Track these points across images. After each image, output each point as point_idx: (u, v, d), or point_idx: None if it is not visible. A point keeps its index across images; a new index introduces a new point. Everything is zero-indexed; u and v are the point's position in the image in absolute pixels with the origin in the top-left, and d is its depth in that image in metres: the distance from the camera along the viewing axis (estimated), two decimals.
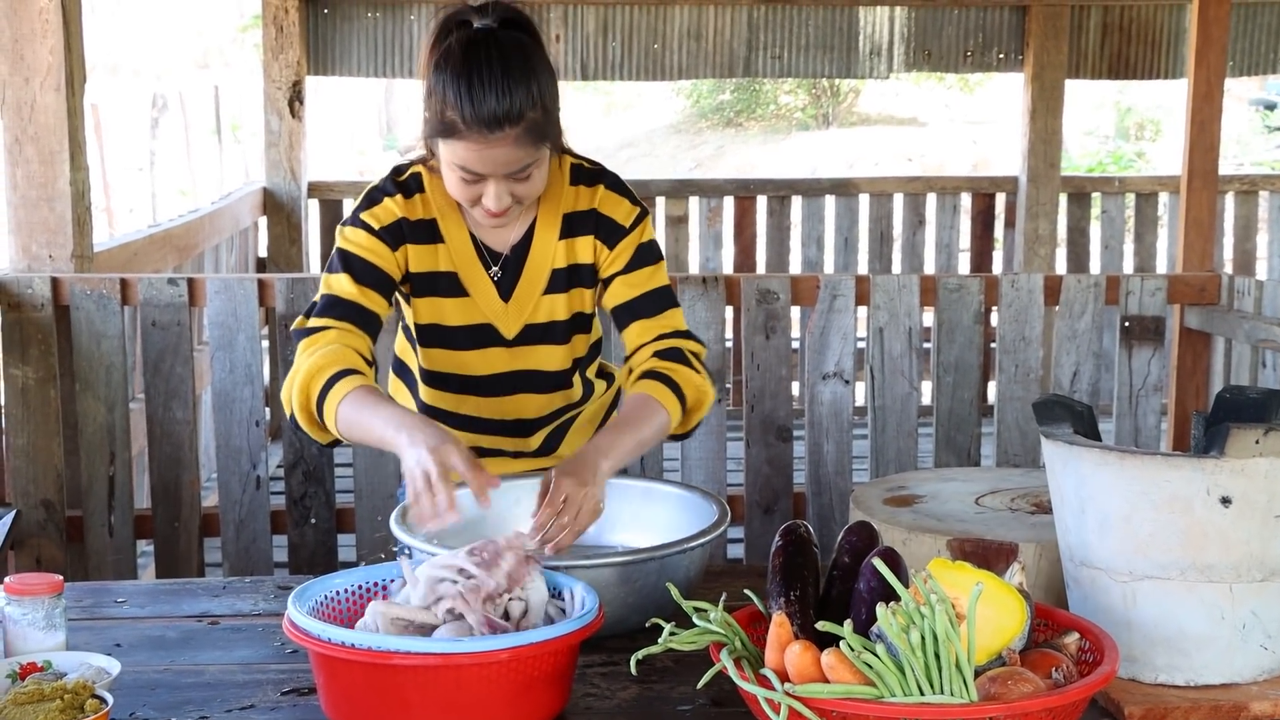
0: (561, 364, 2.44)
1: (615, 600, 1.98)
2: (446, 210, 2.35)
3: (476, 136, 2.14)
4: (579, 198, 2.37)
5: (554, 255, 2.38)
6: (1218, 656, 1.83)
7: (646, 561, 2.03)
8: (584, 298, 2.42)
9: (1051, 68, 6.88)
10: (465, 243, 2.36)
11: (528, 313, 2.39)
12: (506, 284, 2.38)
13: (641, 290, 2.38)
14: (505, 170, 2.18)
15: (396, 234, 2.33)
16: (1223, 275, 4.23)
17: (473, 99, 2.12)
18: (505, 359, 2.41)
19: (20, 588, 1.93)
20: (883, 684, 1.52)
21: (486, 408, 2.45)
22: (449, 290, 2.37)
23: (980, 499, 2.32)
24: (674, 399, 2.29)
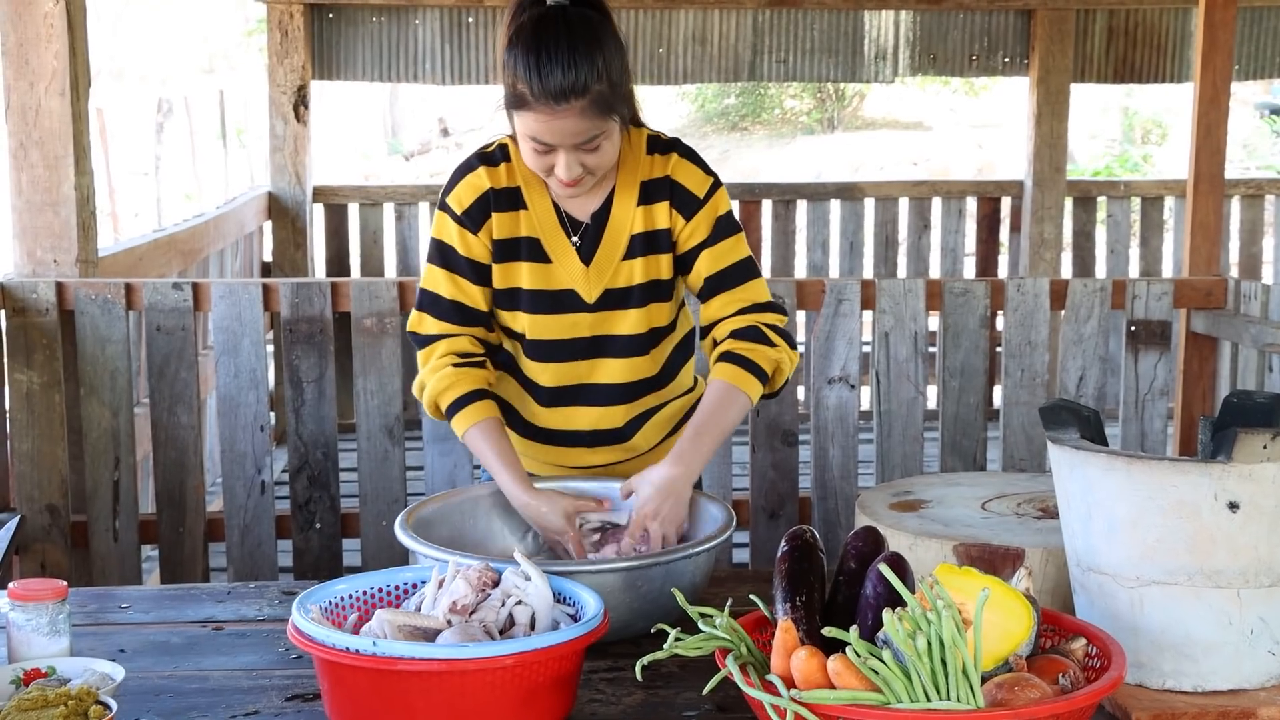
0: (638, 328, 2.47)
1: (620, 605, 1.98)
2: (531, 179, 2.43)
3: (544, 108, 2.23)
4: (654, 165, 2.44)
5: (632, 221, 2.43)
6: (1225, 662, 1.82)
7: (651, 567, 2.03)
8: (659, 264, 2.46)
9: (1057, 71, 6.87)
10: (548, 210, 2.43)
11: (607, 277, 2.44)
12: (587, 250, 2.44)
13: (725, 264, 2.44)
14: (573, 141, 2.26)
15: (480, 210, 2.41)
16: (1229, 279, 4.22)
17: (540, 72, 2.22)
18: (587, 324, 2.46)
19: (24, 593, 1.92)
20: (889, 690, 1.51)
21: (568, 374, 2.49)
22: (531, 255, 2.43)
23: (986, 504, 2.31)
24: (754, 380, 2.40)
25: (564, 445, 2.54)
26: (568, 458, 2.56)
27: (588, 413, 2.51)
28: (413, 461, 4.22)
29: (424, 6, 6.66)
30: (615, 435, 2.54)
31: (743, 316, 2.45)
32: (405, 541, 2.10)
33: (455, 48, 6.73)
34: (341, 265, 7.13)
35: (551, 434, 2.54)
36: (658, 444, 2.59)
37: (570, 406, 2.51)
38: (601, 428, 2.53)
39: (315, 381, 3.92)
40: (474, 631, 1.77)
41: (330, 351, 3.91)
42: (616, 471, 2.56)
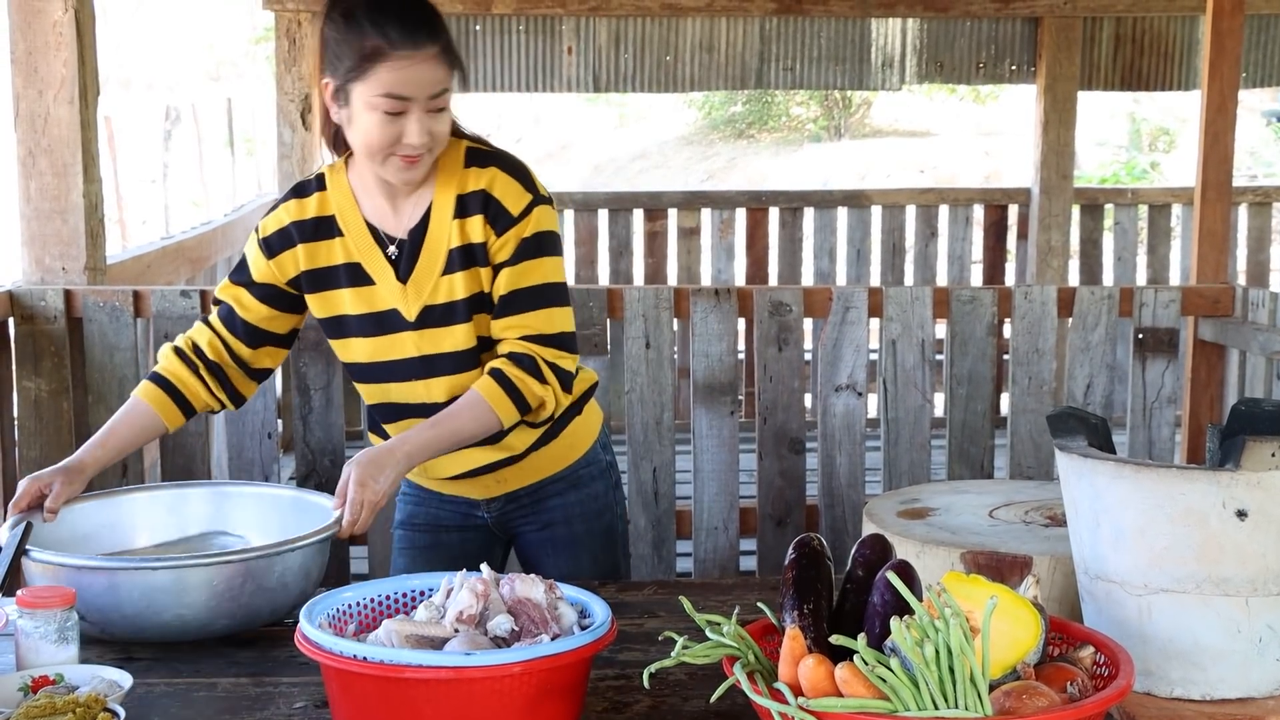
0: (465, 343, 2.45)
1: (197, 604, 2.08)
2: (345, 205, 2.45)
3: (404, 53, 2.27)
4: (472, 178, 2.42)
5: (449, 235, 2.42)
6: (1234, 670, 1.82)
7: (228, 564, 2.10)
8: (480, 277, 2.44)
9: (1064, 79, 6.87)
10: (363, 232, 2.45)
11: (426, 294, 2.43)
12: (404, 266, 2.44)
13: (520, 285, 2.42)
14: (429, 90, 2.29)
15: (280, 241, 2.47)
16: (1236, 287, 4.22)
17: (397, 17, 2.28)
18: (413, 343, 2.46)
19: (33, 600, 1.93)
20: (897, 698, 1.51)
21: (406, 393, 2.50)
22: (352, 280, 2.46)
23: (994, 511, 2.31)
24: (511, 407, 2.39)
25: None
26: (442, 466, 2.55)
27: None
28: None
29: None
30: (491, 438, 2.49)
31: (525, 344, 2.41)
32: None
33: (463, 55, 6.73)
34: None
35: None
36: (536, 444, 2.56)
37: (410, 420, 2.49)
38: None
39: (323, 389, 3.92)
40: (481, 640, 1.77)
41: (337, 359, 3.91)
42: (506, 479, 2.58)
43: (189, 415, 2.54)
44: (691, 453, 4.02)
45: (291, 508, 2.42)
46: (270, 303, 2.51)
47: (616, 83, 6.92)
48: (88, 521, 2.37)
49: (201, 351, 2.52)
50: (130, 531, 2.41)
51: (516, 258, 2.41)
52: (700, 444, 4.00)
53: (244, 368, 2.56)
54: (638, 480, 4.00)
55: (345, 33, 2.30)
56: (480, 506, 2.65)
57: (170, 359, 2.53)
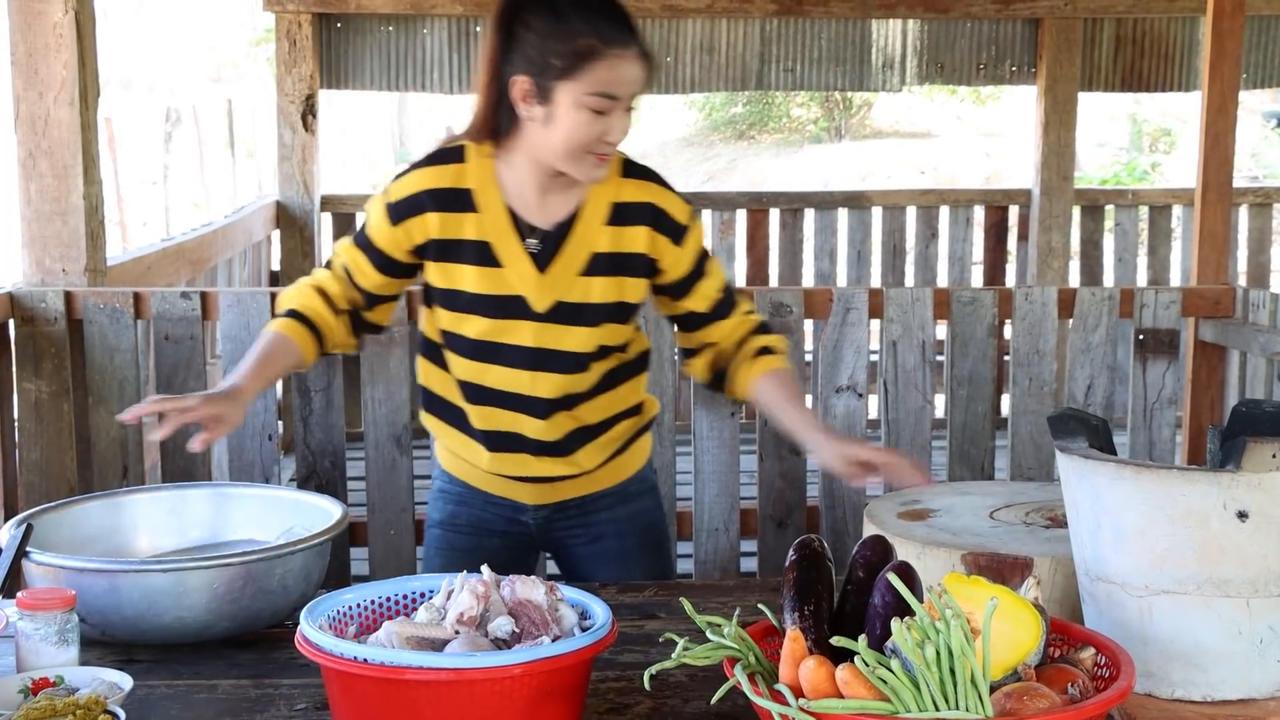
0: (585, 345, 2.49)
1: (198, 606, 2.07)
2: (485, 183, 2.44)
3: (618, 51, 2.31)
4: (630, 189, 2.47)
5: (596, 239, 2.45)
6: (1235, 672, 1.82)
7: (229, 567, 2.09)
8: (625, 286, 2.48)
9: (1064, 80, 6.87)
10: (502, 214, 2.44)
11: (561, 289, 2.45)
12: (544, 258, 2.44)
13: (720, 287, 2.57)
14: (634, 88, 2.34)
15: (410, 208, 2.44)
16: (1237, 288, 4.21)
17: (606, 20, 2.32)
18: (532, 334, 2.46)
19: (33, 602, 1.92)
20: (898, 700, 1.51)
21: (508, 380, 2.50)
22: (479, 259, 2.44)
23: (994, 513, 2.31)
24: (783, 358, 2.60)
25: (509, 450, 2.56)
26: (510, 465, 2.58)
27: (528, 422, 2.52)
28: (420, 470, 4.22)
29: (432, 16, 6.67)
30: (559, 447, 2.55)
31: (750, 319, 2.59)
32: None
33: (463, 57, 6.74)
34: None
35: (499, 438, 2.55)
36: (602, 464, 2.61)
37: (513, 412, 2.52)
38: (543, 438, 2.54)
39: (323, 390, 3.92)
40: (482, 641, 1.76)
41: (338, 360, 3.91)
42: (561, 489, 2.61)
43: (322, 353, 2.58)
44: (692, 454, 4.02)
45: (292, 509, 2.42)
46: (386, 271, 2.51)
47: None
48: (88, 523, 2.37)
49: (334, 298, 2.54)
50: (131, 533, 2.41)
51: (702, 267, 2.53)
52: (701, 445, 4.00)
53: (364, 319, 2.60)
54: None
55: (553, 29, 2.30)
56: (527, 512, 2.65)
57: (309, 296, 2.54)
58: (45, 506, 2.35)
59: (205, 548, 2.38)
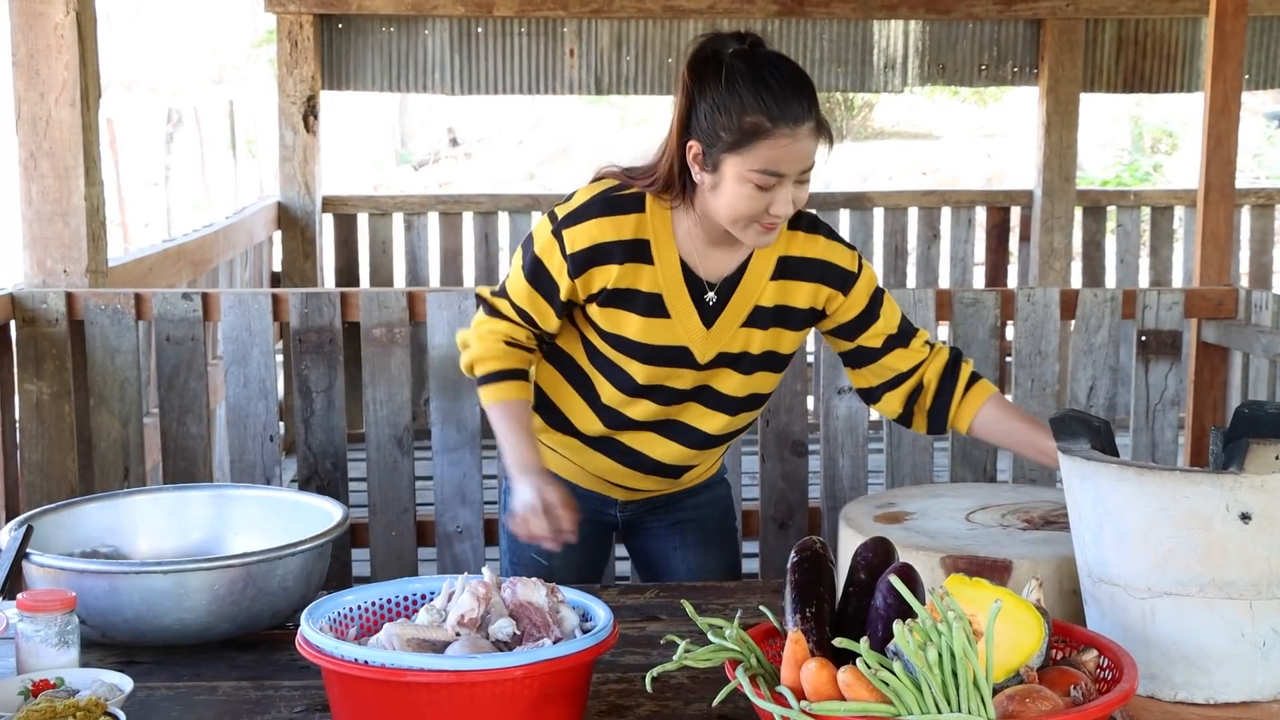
0: (738, 391, 2.52)
1: (198, 608, 2.07)
2: (663, 235, 2.43)
3: (786, 130, 2.25)
4: (798, 243, 2.47)
5: (761, 292, 2.46)
6: (1238, 674, 1.82)
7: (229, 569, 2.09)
8: (782, 338, 2.51)
9: (1066, 81, 6.86)
10: (675, 267, 2.44)
11: (724, 341, 2.47)
12: (713, 312, 2.46)
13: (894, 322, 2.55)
14: (804, 165, 2.30)
15: (590, 259, 2.41)
16: (1240, 289, 4.21)
17: (777, 97, 2.25)
18: (691, 379, 2.50)
19: (33, 604, 1.92)
20: (900, 702, 1.51)
21: (659, 413, 2.53)
22: (649, 310, 2.44)
23: (971, 515, 2.29)
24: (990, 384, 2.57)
25: (624, 464, 2.59)
26: (619, 475, 2.62)
27: (664, 445, 2.57)
28: (422, 471, 4.22)
29: (433, 17, 6.67)
30: (676, 470, 2.62)
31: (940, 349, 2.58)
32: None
33: (465, 58, 6.74)
34: (351, 275, 7.14)
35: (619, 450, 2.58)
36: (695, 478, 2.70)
37: (649, 434, 2.56)
38: (670, 462, 2.59)
39: (324, 391, 3.92)
40: (483, 643, 1.76)
41: (339, 361, 3.91)
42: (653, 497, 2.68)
43: None
44: None
45: (293, 511, 2.41)
46: (564, 314, 2.50)
47: (618, 85, 6.91)
48: (89, 524, 2.37)
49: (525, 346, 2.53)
50: (131, 534, 2.41)
51: (876, 310, 2.52)
52: None
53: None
54: None
55: (724, 102, 2.27)
56: (615, 506, 2.69)
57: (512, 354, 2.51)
58: (46, 508, 2.35)
59: (206, 549, 2.38)
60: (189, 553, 2.36)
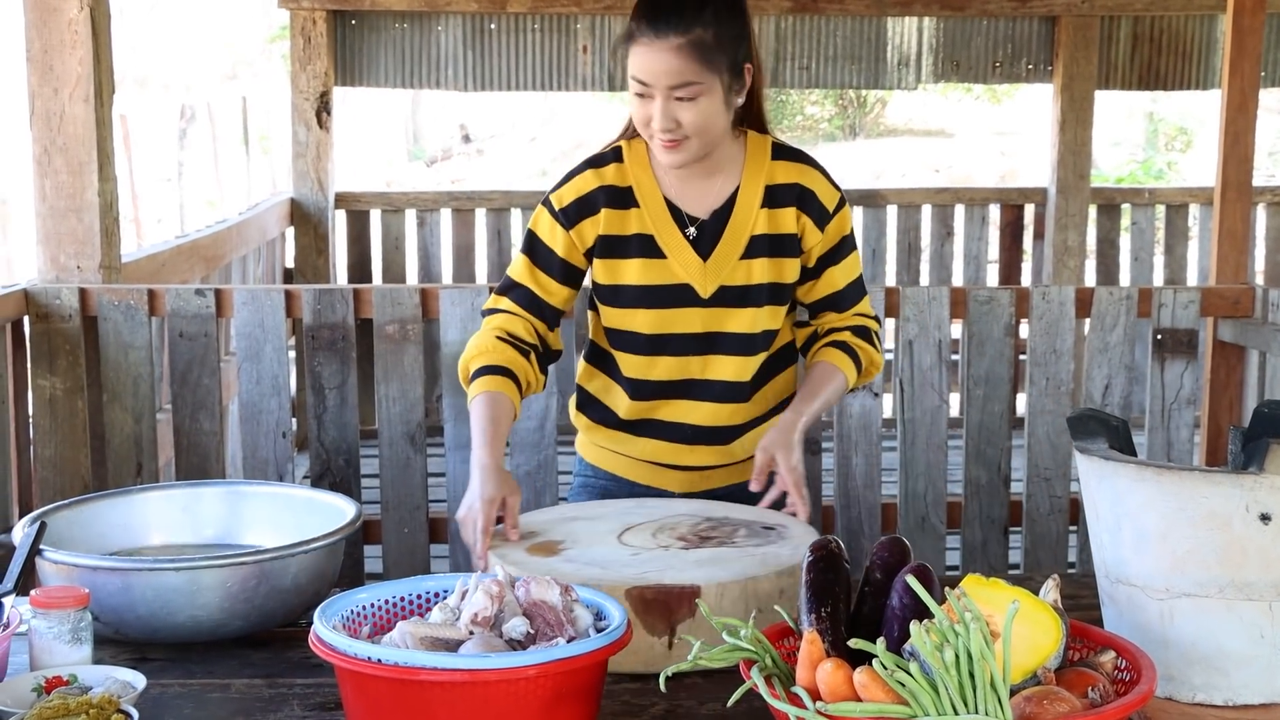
0: (751, 327, 2.53)
1: (211, 604, 2.07)
2: (644, 178, 2.52)
3: (645, 40, 2.35)
4: (781, 171, 2.53)
5: (754, 222, 2.51)
6: (1257, 676, 1.80)
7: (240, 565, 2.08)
8: (782, 268, 2.54)
9: (1081, 79, 6.84)
10: (661, 207, 2.51)
11: (725, 274, 2.50)
12: (704, 245, 2.50)
13: (849, 279, 2.59)
14: (666, 81, 2.34)
15: (580, 209, 2.51)
16: (1256, 288, 4.19)
17: (652, 6, 2.36)
18: (700, 319, 2.52)
19: (47, 601, 1.92)
20: (916, 703, 1.50)
21: (678, 369, 2.55)
22: (643, 251, 2.51)
23: (621, 537, 2.18)
24: (853, 367, 2.57)
25: (667, 439, 2.60)
26: (666, 454, 2.61)
27: (698, 408, 2.57)
28: (434, 468, 4.22)
29: (447, 13, 6.66)
30: (720, 435, 2.59)
31: (860, 318, 2.62)
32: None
33: (478, 54, 6.74)
34: (363, 271, 7.14)
35: (657, 427, 2.59)
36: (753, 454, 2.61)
37: (680, 400, 2.57)
38: (708, 424, 2.58)
39: (337, 388, 3.92)
40: (496, 642, 1.75)
41: (352, 358, 3.91)
42: (711, 478, 2.63)
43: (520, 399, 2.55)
44: None
45: (306, 508, 2.41)
46: (569, 281, 2.55)
47: None
48: (102, 521, 2.37)
49: (521, 338, 2.53)
50: (145, 531, 2.40)
51: (840, 253, 2.56)
52: None
53: (546, 349, 2.59)
54: None
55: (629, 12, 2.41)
56: (675, 500, 2.64)
57: (500, 348, 2.50)
58: (59, 504, 2.35)
59: (219, 546, 2.37)
60: (202, 549, 2.35)
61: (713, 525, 2.25)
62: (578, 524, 2.28)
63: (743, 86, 2.46)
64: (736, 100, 2.46)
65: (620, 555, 2.10)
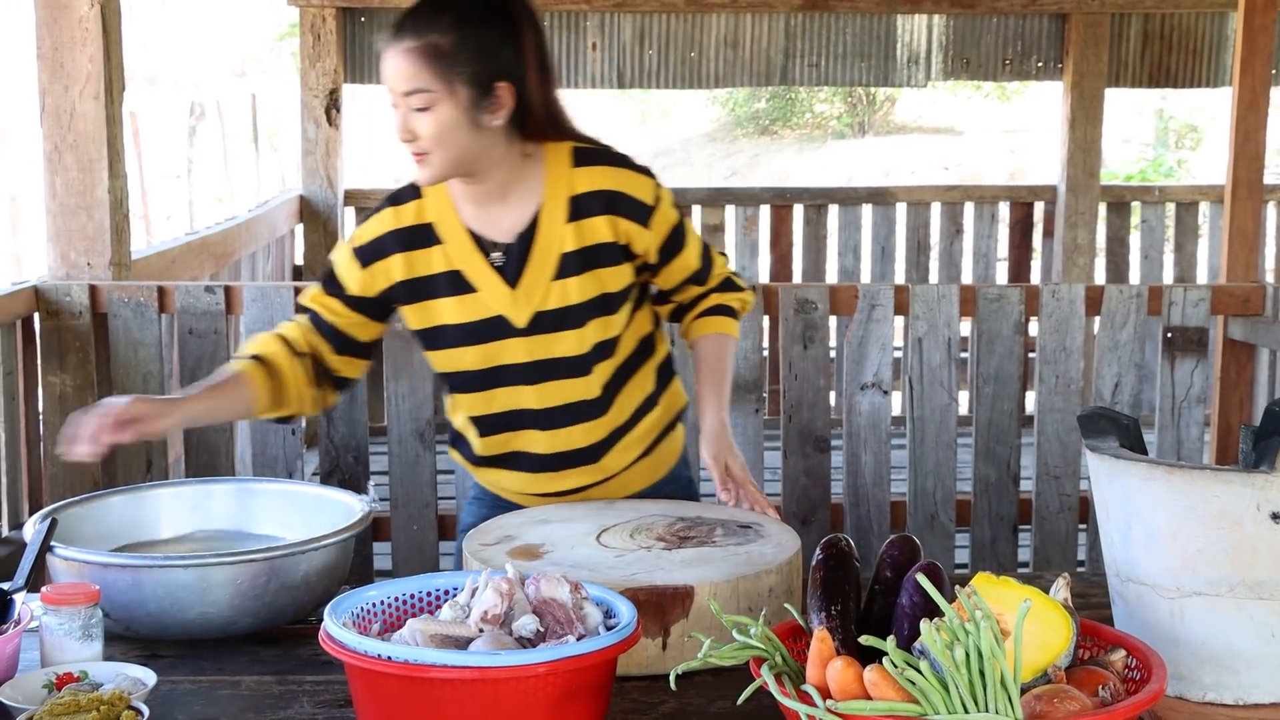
0: (579, 348, 2.42)
1: (221, 601, 2.07)
2: (444, 211, 2.41)
3: (388, 43, 2.28)
4: (583, 179, 2.39)
5: (561, 239, 2.38)
6: (1268, 675, 1.80)
7: (251, 563, 2.08)
8: (604, 279, 2.41)
9: (1091, 76, 6.83)
10: (463, 238, 2.40)
11: (538, 299, 2.39)
12: (512, 272, 2.39)
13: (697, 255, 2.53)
14: (397, 86, 2.27)
15: (375, 251, 2.42)
16: (1267, 286, 4.18)
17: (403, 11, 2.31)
18: (523, 349, 2.41)
19: (57, 597, 1.92)
20: (926, 701, 1.50)
21: (512, 400, 2.46)
22: (454, 289, 2.40)
23: (599, 539, 2.17)
24: (732, 322, 2.59)
25: (530, 470, 2.51)
26: (536, 484, 2.53)
27: (551, 435, 2.48)
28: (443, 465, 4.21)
29: None
30: (584, 455, 2.50)
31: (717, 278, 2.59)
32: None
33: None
34: None
35: (517, 459, 2.51)
36: (631, 464, 2.55)
37: (529, 430, 2.48)
38: (568, 449, 2.49)
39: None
40: (506, 640, 1.75)
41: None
42: (592, 495, 2.52)
43: (276, 408, 2.47)
44: None
45: (315, 505, 2.41)
46: (360, 310, 2.47)
47: (641, 79, 6.90)
48: (112, 518, 2.37)
49: (291, 340, 2.47)
50: (155, 528, 2.41)
51: (679, 238, 2.48)
52: None
53: (329, 373, 2.51)
54: None
55: None
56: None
57: (266, 341, 2.47)
58: (69, 501, 2.35)
59: (229, 543, 2.37)
60: (211, 546, 2.36)
61: (688, 525, 2.22)
62: (552, 526, 2.24)
63: (496, 105, 2.29)
64: (490, 119, 2.29)
65: (604, 557, 2.08)
